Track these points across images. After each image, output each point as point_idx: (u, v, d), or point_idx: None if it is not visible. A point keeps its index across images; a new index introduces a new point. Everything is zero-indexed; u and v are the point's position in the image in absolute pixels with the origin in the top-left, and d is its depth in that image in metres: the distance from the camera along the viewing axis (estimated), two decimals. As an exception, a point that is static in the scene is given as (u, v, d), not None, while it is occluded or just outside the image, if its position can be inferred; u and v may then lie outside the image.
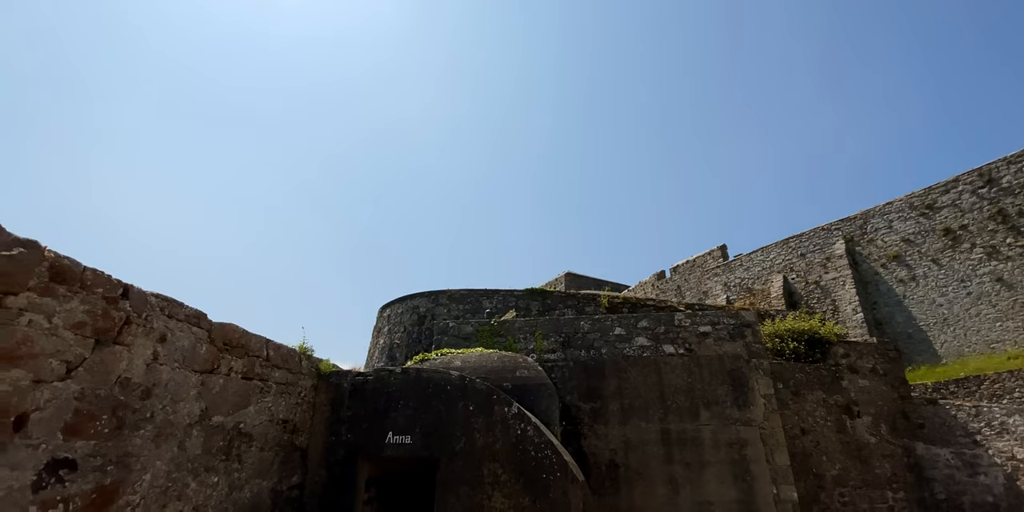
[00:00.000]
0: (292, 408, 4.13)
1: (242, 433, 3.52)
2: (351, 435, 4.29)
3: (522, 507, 3.77)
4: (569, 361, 6.81)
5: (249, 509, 3.53)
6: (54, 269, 2.38)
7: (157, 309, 2.90)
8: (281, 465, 3.92)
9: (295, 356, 4.19)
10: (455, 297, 14.77)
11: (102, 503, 2.52)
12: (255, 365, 3.68)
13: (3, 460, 2.13)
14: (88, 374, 2.50)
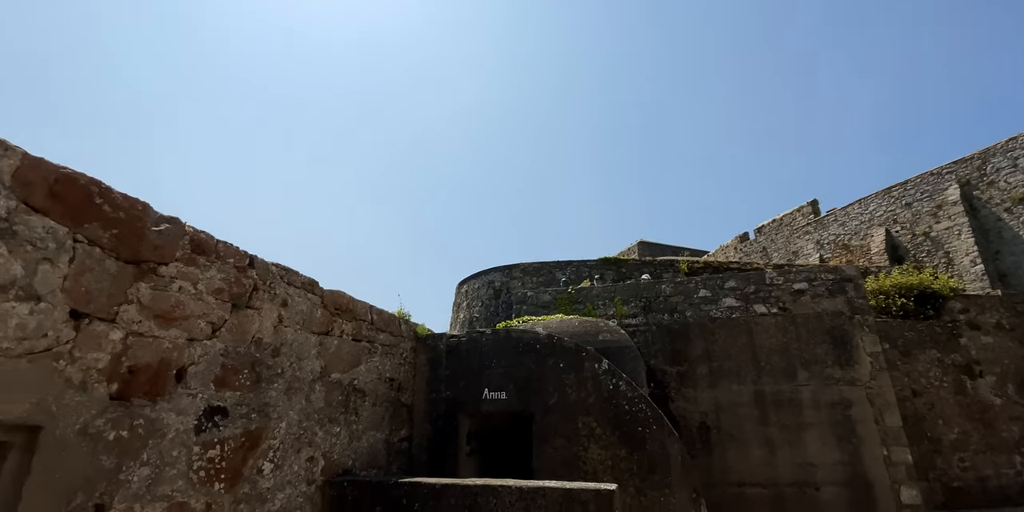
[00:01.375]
0: (396, 368, 4.47)
1: (356, 389, 3.88)
2: (450, 392, 4.60)
3: (619, 458, 3.87)
4: (651, 325, 6.73)
5: (367, 457, 3.91)
6: (194, 242, 2.70)
7: (278, 277, 3.23)
8: (391, 419, 4.28)
9: (395, 320, 4.51)
10: (528, 270, 14.94)
11: (250, 445, 2.91)
12: (362, 328, 4.01)
13: (171, 406, 2.51)
14: (229, 334, 2.85)
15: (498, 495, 2.96)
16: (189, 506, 2.53)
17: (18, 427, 1.98)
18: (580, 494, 2.84)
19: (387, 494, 3.24)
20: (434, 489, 3.13)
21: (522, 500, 2.92)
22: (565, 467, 3.92)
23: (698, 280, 6.67)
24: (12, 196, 2.01)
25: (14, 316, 1.97)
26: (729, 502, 5.81)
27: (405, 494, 3.18)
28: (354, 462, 3.75)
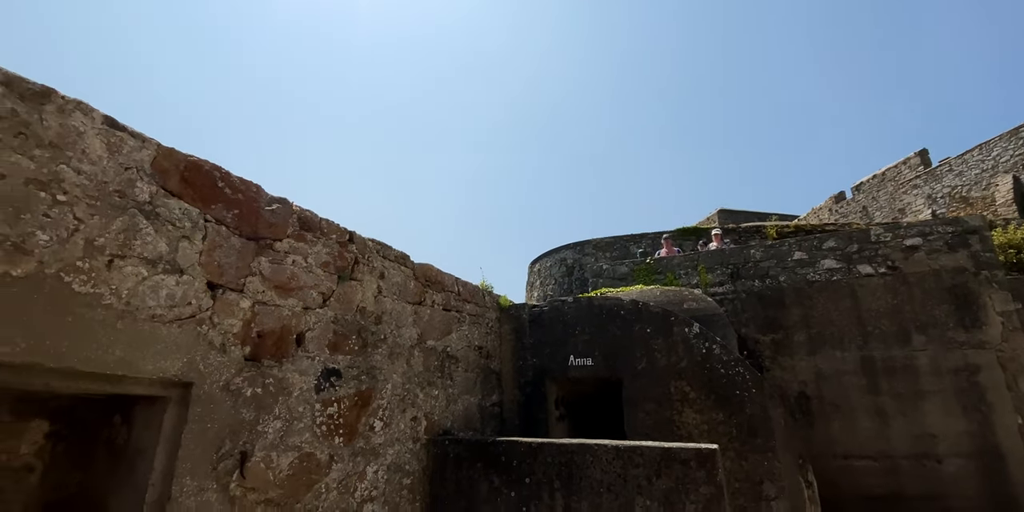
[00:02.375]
0: (483, 336, 4.64)
1: (449, 355, 4.08)
2: (536, 360, 4.71)
3: (716, 422, 3.79)
4: (740, 292, 6.41)
5: (463, 419, 4.13)
6: (301, 219, 2.94)
7: (374, 251, 3.44)
8: (482, 384, 4.48)
9: (480, 292, 4.67)
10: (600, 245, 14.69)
11: (362, 404, 3.17)
12: (450, 299, 4.20)
13: (294, 367, 2.79)
14: (337, 303, 3.10)
15: (594, 454, 3.02)
16: (315, 457, 2.82)
17: (174, 383, 2.30)
18: (680, 453, 2.82)
19: (486, 451, 3.41)
20: (531, 447, 3.26)
21: (619, 458, 2.96)
22: (658, 431, 3.90)
23: (791, 242, 6.20)
24: (152, 182, 2.29)
25: (164, 287, 2.27)
26: (835, 475, 5.51)
27: (503, 452, 3.34)
28: (452, 423, 3.98)
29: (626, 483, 2.89)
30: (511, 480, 3.25)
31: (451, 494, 3.46)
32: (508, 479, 3.25)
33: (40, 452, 2.43)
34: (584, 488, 2.98)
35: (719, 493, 2.66)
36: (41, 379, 1.94)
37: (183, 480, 2.22)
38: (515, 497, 3.19)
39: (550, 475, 3.10)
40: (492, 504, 3.24)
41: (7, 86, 1.90)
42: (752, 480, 3.51)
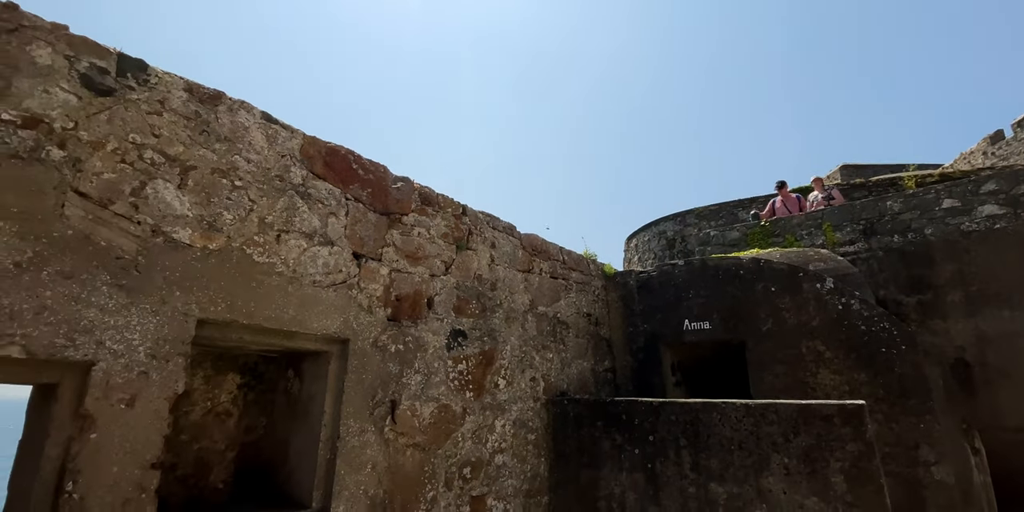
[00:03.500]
0: (591, 304, 4.71)
1: (560, 321, 4.22)
2: (647, 326, 4.68)
3: (858, 382, 3.52)
4: (876, 251, 5.76)
5: (578, 383, 4.26)
6: (422, 195, 3.20)
7: (484, 222, 3.64)
8: (593, 350, 4.57)
9: (584, 260, 4.73)
10: (704, 214, 13.85)
11: (486, 362, 3.41)
12: (556, 267, 4.31)
13: (427, 328, 3.07)
14: (457, 270, 3.34)
15: (721, 412, 2.97)
16: (451, 408, 3.11)
17: (335, 339, 2.66)
18: (820, 409, 2.68)
19: (606, 411, 3.50)
20: (651, 406, 3.29)
21: (749, 416, 2.88)
22: (789, 394, 3.71)
23: (939, 188, 5.39)
24: (303, 167, 2.63)
25: (320, 257, 2.61)
26: (1006, 450, 4.82)
27: (624, 411, 3.41)
28: (568, 386, 4.12)
29: (759, 441, 2.81)
30: (633, 438, 3.31)
31: (573, 451, 3.61)
32: (630, 437, 3.32)
33: (235, 401, 2.95)
34: (713, 446, 2.96)
35: (868, 451, 2.49)
36: (237, 334, 2.36)
37: (348, 422, 2.58)
38: (639, 454, 3.25)
39: (675, 433, 3.12)
40: (615, 460, 3.34)
41: (190, 92, 2.29)
42: (905, 444, 3.21)
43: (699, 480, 2.95)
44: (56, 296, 1.77)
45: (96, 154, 1.96)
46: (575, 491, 3.50)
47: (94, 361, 1.83)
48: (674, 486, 3.03)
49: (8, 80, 1.80)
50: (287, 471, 2.64)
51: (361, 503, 2.52)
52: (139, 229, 2.02)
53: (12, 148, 1.77)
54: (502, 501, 3.29)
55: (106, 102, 2.02)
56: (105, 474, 1.79)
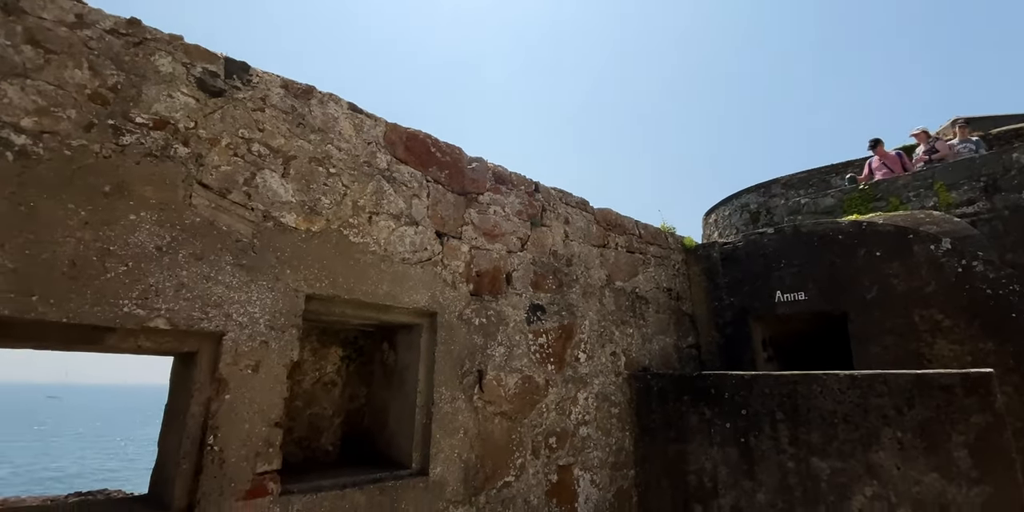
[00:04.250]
0: (671, 278, 4.60)
1: (639, 296, 4.16)
2: (733, 299, 4.49)
3: (983, 352, 3.16)
4: (1001, 210, 5.08)
5: (660, 358, 4.19)
6: (495, 174, 3.28)
7: (557, 198, 3.66)
8: (675, 326, 4.47)
9: (661, 234, 4.62)
10: (791, 183, 12.81)
11: (566, 336, 3.46)
12: (632, 241, 4.25)
13: (507, 302, 3.16)
14: (533, 247, 3.40)
15: (822, 383, 2.81)
16: (534, 379, 3.19)
17: (424, 313, 2.82)
18: (938, 378, 2.45)
19: (692, 385, 3.43)
20: (743, 379, 3.18)
21: (854, 388, 2.70)
22: (899, 367, 3.41)
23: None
24: (387, 152, 2.79)
25: (407, 236, 2.77)
26: None
27: (712, 385, 3.32)
28: (650, 362, 4.07)
29: (867, 413, 2.63)
30: (723, 412, 3.22)
31: (659, 425, 3.58)
32: (720, 411, 3.23)
33: (339, 371, 3.22)
34: (813, 419, 2.81)
35: (998, 423, 2.25)
36: (339, 308, 2.57)
37: (440, 390, 2.74)
38: (730, 428, 3.16)
39: (770, 406, 2.99)
40: (704, 434, 3.27)
41: (286, 88, 2.50)
42: (1041, 420, 2.85)
43: (799, 455, 2.82)
44: (191, 275, 2.04)
45: (213, 149, 2.21)
46: (662, 465, 3.48)
47: (224, 331, 2.08)
48: (771, 461, 2.92)
49: (139, 88, 2.07)
50: (388, 435, 2.86)
51: (456, 466, 2.68)
52: (253, 215, 2.26)
53: (147, 147, 2.04)
54: (588, 472, 3.35)
55: (218, 102, 2.26)
56: (239, 430, 2.05)
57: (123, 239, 1.90)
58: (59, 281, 1.75)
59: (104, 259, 1.85)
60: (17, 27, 1.83)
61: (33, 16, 1.87)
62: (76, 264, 1.79)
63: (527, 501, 2.96)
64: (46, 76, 1.85)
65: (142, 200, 1.98)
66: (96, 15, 2.02)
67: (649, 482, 3.54)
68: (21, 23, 1.84)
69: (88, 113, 1.92)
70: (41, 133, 1.81)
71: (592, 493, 3.34)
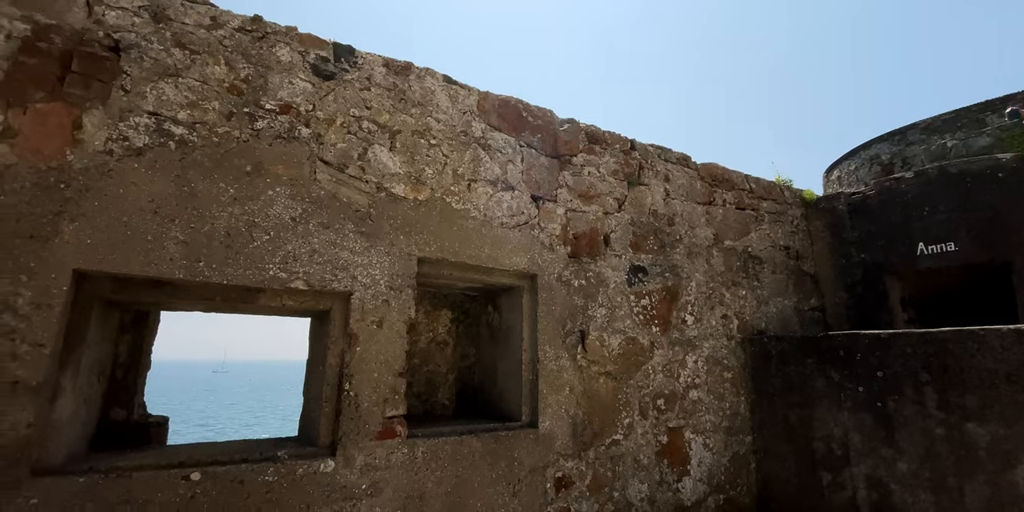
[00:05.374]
0: (788, 235, 4.22)
1: (752, 256, 3.89)
2: (864, 255, 4.01)
3: None
4: None
5: (778, 322, 3.91)
6: (588, 134, 3.23)
7: (655, 155, 3.52)
8: (795, 287, 4.12)
9: (776, 187, 4.24)
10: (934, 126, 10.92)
11: (671, 298, 3.35)
12: (742, 197, 3.95)
13: (606, 264, 3.14)
14: (631, 207, 3.31)
15: (980, 340, 2.44)
16: (638, 341, 3.15)
17: (524, 275, 2.90)
18: None
19: (817, 346, 3.17)
20: (878, 338, 2.86)
21: (1021, 344, 2.31)
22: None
23: None
24: (481, 120, 2.86)
25: (504, 201, 2.85)
26: None
27: (841, 346, 3.04)
28: (766, 325, 3.82)
29: (1037, 373, 2.25)
30: (854, 375, 2.94)
31: (778, 390, 3.37)
32: (851, 374, 2.95)
33: (449, 332, 3.44)
34: (969, 380, 2.46)
35: None
36: (447, 271, 2.73)
37: (544, 348, 2.82)
38: (864, 392, 2.88)
39: (912, 368, 2.67)
40: (833, 399, 3.02)
41: (387, 67, 2.66)
42: None
43: (949, 420, 2.50)
44: (321, 242, 2.29)
45: (330, 129, 2.43)
46: (784, 431, 3.28)
47: (352, 291, 2.32)
48: (914, 426, 2.62)
49: (265, 78, 2.33)
50: (497, 391, 3.02)
51: (563, 420, 2.76)
52: (367, 187, 2.46)
53: (276, 130, 2.30)
54: (701, 435, 3.27)
55: (330, 85, 2.47)
56: (369, 378, 2.29)
57: (264, 212, 2.18)
58: (218, 249, 2.06)
59: (251, 230, 2.14)
60: (167, 33, 2.14)
61: (178, 22, 2.17)
62: (230, 234, 2.10)
63: (637, 460, 2.97)
64: (193, 74, 2.16)
65: (276, 177, 2.25)
66: (227, 16, 2.29)
67: (768, 448, 3.36)
68: (169, 29, 2.15)
69: (228, 103, 2.21)
70: (194, 124, 2.12)
71: (705, 457, 3.26)
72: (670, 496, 3.04)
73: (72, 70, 1.93)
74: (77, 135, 1.90)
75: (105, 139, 1.94)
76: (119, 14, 2.06)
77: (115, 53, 2.02)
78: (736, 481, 3.36)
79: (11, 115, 1.82)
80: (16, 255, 1.72)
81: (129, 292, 2.06)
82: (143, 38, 2.08)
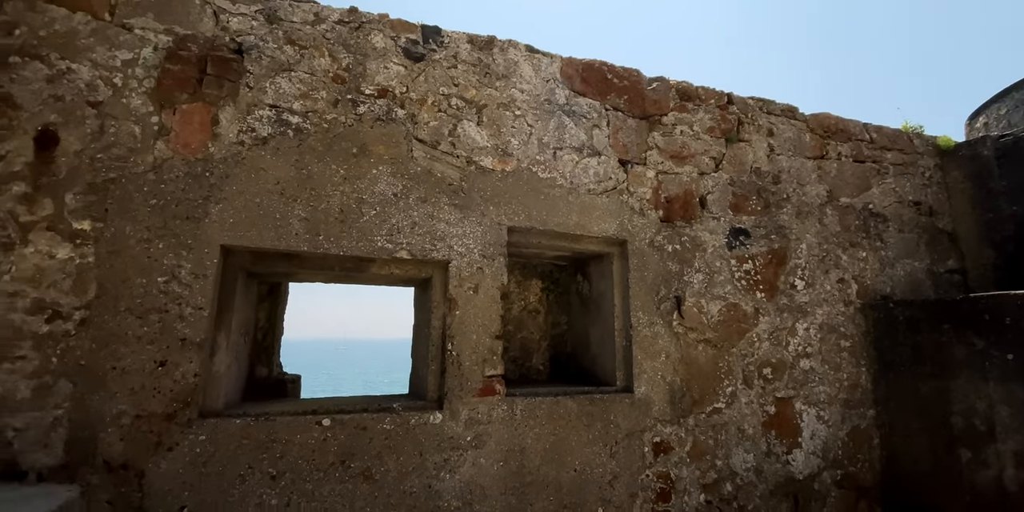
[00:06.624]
0: (919, 189, 3.72)
1: (873, 213, 3.49)
2: (1016, 207, 3.41)
3: None
4: None
5: (906, 285, 3.49)
6: (679, 91, 3.08)
7: (756, 109, 3.26)
8: (928, 247, 3.64)
9: (903, 135, 3.73)
10: None
11: (777, 262, 3.14)
12: (861, 148, 3.54)
13: (702, 227, 3.00)
14: (729, 166, 3.12)
15: None
16: (740, 307, 3.01)
17: (613, 241, 2.87)
18: None
19: (955, 310, 2.80)
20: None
21: None
22: None
23: None
24: (564, 87, 2.85)
25: (591, 167, 2.83)
26: None
27: (985, 309, 2.66)
28: (892, 289, 3.43)
29: None
30: (1002, 342, 2.56)
31: (907, 360, 3.04)
32: (998, 340, 2.58)
33: (540, 301, 3.53)
34: None
35: None
36: (536, 239, 2.80)
37: (637, 314, 2.80)
38: (1013, 360, 2.51)
39: (1080, 332, 2.27)
40: (975, 369, 2.67)
41: (471, 43, 2.73)
42: None
43: None
44: (420, 215, 2.45)
45: (422, 108, 2.56)
46: (914, 405, 2.97)
47: (449, 260, 2.47)
48: (1083, 401, 2.24)
49: (363, 65, 2.50)
50: (591, 357, 3.07)
51: (660, 387, 2.74)
52: (458, 161, 2.58)
53: (376, 114, 2.47)
54: (814, 407, 3.07)
55: (421, 66, 2.60)
56: (469, 340, 2.44)
57: (370, 189, 2.38)
58: (333, 224, 2.30)
59: (360, 206, 2.36)
60: (279, 32, 2.38)
61: (287, 21, 2.40)
62: (343, 211, 2.32)
63: (741, 429, 2.88)
64: (302, 67, 2.39)
65: (378, 157, 2.43)
66: (327, 11, 2.49)
67: (895, 423, 3.07)
68: (280, 28, 2.38)
69: (333, 92, 2.42)
70: (306, 112, 2.35)
71: (819, 429, 3.06)
72: (779, 468, 2.92)
73: (207, 73, 2.22)
74: (215, 130, 2.20)
75: (237, 131, 2.22)
76: (240, 20, 2.32)
77: (239, 55, 2.29)
78: (856, 457, 3.12)
79: (164, 116, 2.15)
80: (177, 234, 2.06)
81: (264, 264, 2.38)
82: (260, 39, 2.33)
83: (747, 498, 2.80)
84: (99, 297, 1.93)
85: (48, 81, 2.01)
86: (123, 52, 2.12)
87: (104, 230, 1.98)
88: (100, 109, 2.05)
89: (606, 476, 2.52)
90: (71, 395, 1.84)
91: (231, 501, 1.94)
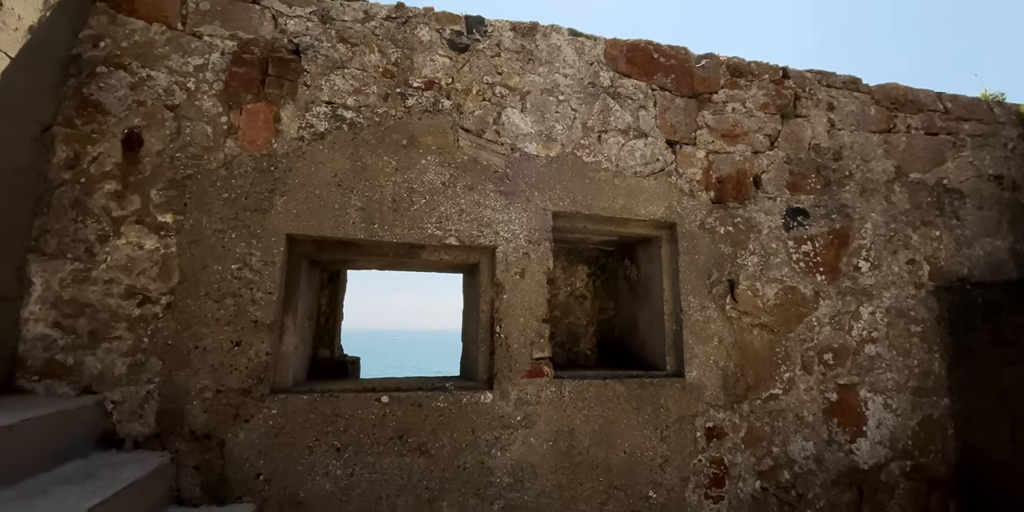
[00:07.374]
0: (1000, 162, 3.40)
1: (948, 189, 3.24)
2: None
3: None
4: None
5: (986, 266, 3.23)
6: (730, 67, 2.97)
7: (814, 82, 3.09)
8: (1011, 224, 3.33)
9: (981, 104, 3.41)
10: None
11: (839, 243, 2.98)
12: (934, 120, 3.28)
13: (757, 208, 2.90)
14: (786, 143, 2.99)
15: None
16: (798, 290, 2.89)
17: (662, 224, 2.83)
18: None
19: (1043, 292, 2.57)
20: None
21: None
22: None
23: None
24: (609, 68, 2.82)
25: (637, 149, 2.79)
26: None
27: (1078, 290, 2.43)
28: (969, 270, 3.17)
29: None
30: (1102, 326, 2.34)
31: (986, 345, 2.82)
32: (1095, 324, 2.35)
33: (587, 286, 3.53)
34: None
35: None
36: (581, 224, 2.80)
37: (688, 298, 2.75)
38: (1115, 346, 2.29)
39: None
40: (1067, 356, 2.45)
41: (514, 30, 2.74)
42: None
43: None
44: (467, 202, 2.52)
45: (467, 98, 2.62)
46: (994, 394, 2.76)
47: (496, 245, 2.53)
48: None
49: (411, 58, 2.58)
50: (639, 341, 3.05)
51: (712, 371, 2.70)
52: (503, 149, 2.62)
53: (423, 105, 2.55)
54: (880, 394, 2.91)
55: (465, 57, 2.65)
56: (516, 322, 2.50)
57: (420, 179, 2.47)
58: (387, 213, 2.40)
59: (411, 195, 2.45)
60: (332, 31, 2.49)
61: (339, 20, 2.51)
62: (395, 200, 2.43)
63: (799, 416, 2.78)
64: (354, 64, 2.49)
65: (426, 147, 2.51)
66: (376, 8, 2.58)
67: (972, 413, 2.87)
68: (333, 28, 2.50)
69: (383, 86, 2.51)
70: (359, 107, 2.46)
71: (886, 418, 2.91)
72: (841, 457, 2.80)
73: (268, 74, 2.37)
74: (277, 127, 2.35)
75: (297, 128, 2.36)
76: (296, 22, 2.45)
77: (296, 55, 2.43)
78: (928, 447, 2.94)
79: (232, 116, 2.32)
80: (247, 224, 2.23)
81: (325, 252, 2.53)
82: (315, 39, 2.45)
83: (806, 487, 2.72)
84: (181, 283, 2.13)
85: (131, 88, 2.21)
86: (195, 58, 2.30)
87: (184, 222, 2.17)
88: (177, 112, 2.24)
89: (656, 459, 2.52)
90: (160, 371, 2.05)
91: (300, 470, 2.10)
